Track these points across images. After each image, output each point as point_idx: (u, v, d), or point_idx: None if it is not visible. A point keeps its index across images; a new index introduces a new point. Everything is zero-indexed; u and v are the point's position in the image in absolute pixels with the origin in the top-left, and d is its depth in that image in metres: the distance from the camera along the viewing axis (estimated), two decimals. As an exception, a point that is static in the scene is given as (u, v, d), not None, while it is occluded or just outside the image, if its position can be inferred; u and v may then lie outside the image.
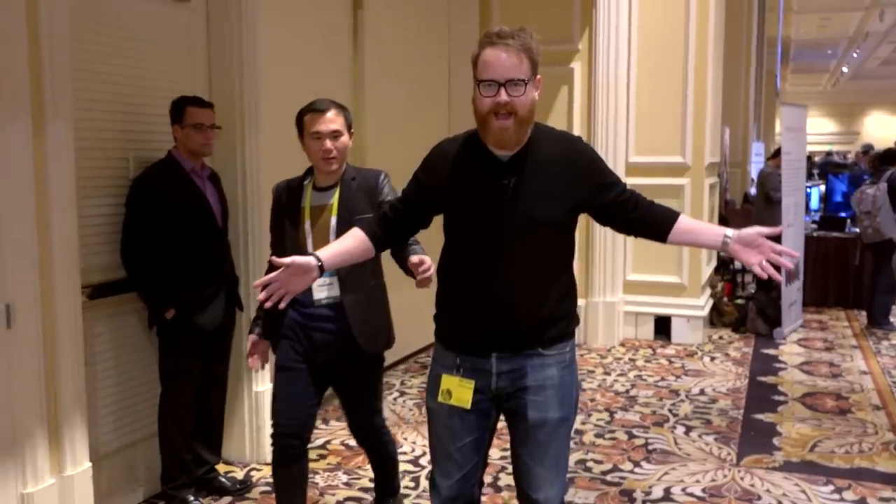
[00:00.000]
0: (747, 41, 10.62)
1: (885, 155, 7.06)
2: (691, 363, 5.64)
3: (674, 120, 6.03)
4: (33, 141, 2.55)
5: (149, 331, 3.27)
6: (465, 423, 2.06)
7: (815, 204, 9.33)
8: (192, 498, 3.27)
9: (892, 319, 6.78)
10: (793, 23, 15.23)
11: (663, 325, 6.25)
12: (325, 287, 2.62)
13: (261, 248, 3.55)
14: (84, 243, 2.86)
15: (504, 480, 3.51)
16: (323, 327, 2.66)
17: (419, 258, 2.21)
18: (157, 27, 3.32)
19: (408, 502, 3.34)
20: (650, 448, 3.99)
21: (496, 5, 6.17)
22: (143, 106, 3.25)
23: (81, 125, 2.86)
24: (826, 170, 11.40)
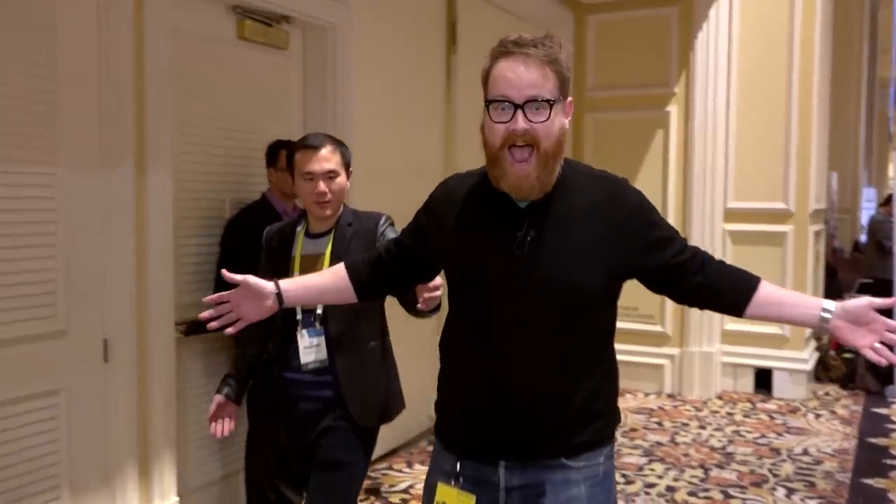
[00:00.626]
0: (857, 83, 10.20)
1: None
2: (794, 420, 5.34)
3: (776, 164, 5.81)
4: (136, 185, 2.69)
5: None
6: None
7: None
8: (274, 536, 3.27)
9: None
10: (907, 63, 14.56)
11: (764, 379, 5.96)
12: (314, 349, 2.29)
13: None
14: (179, 281, 2.97)
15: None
16: (310, 395, 2.32)
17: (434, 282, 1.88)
18: (256, 74, 3.45)
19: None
20: (747, 509, 3.77)
21: (590, 48, 6.15)
22: (242, 149, 3.37)
23: (181, 168, 2.99)
24: (944, 217, 10.74)
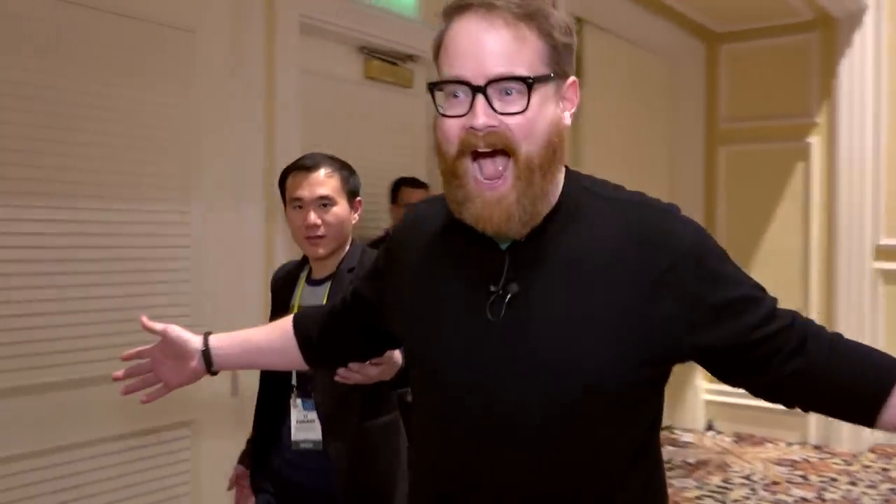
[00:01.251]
0: None
1: None
2: (961, 479, 4.81)
3: (933, 197, 5.36)
4: (266, 220, 2.79)
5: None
6: None
7: None
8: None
9: None
10: None
11: (924, 432, 5.42)
12: (305, 426, 1.85)
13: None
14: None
15: None
16: (302, 483, 1.88)
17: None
18: (381, 112, 3.50)
19: None
20: (909, 579, 3.40)
21: (723, 78, 5.91)
22: (366, 186, 3.36)
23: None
24: None
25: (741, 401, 4.88)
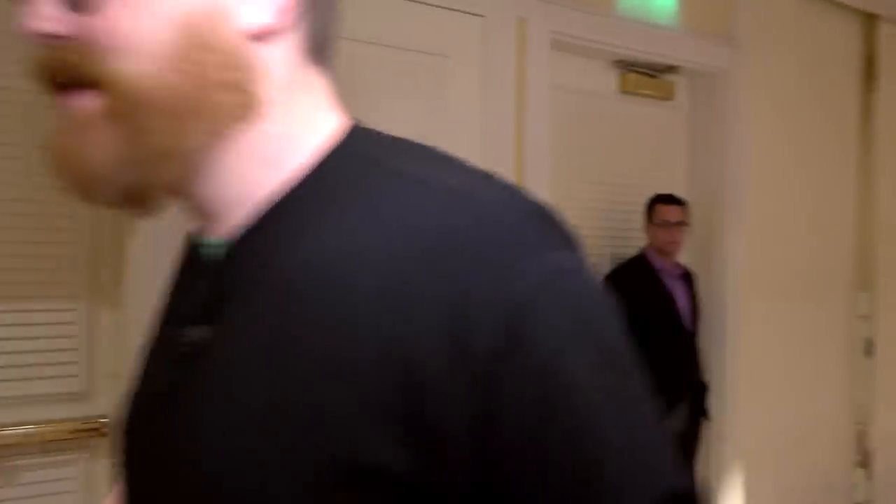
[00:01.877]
0: None
1: None
2: None
3: None
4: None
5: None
6: None
7: None
8: None
9: None
10: None
11: None
12: None
13: (735, 352, 3.38)
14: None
15: None
16: None
17: None
18: (638, 126, 3.36)
19: None
20: None
21: None
22: (623, 203, 3.30)
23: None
24: None
25: None
